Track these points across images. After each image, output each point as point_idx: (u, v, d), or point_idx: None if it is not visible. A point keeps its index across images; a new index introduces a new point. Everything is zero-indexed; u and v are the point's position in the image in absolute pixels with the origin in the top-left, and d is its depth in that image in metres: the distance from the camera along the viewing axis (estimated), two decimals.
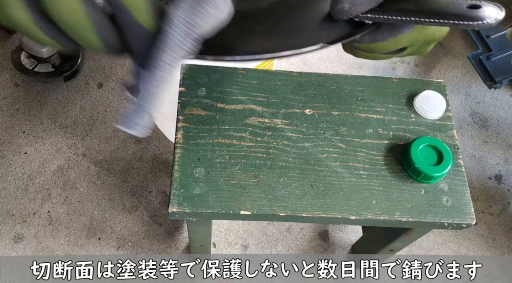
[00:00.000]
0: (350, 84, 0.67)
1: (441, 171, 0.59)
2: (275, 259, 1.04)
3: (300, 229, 1.08)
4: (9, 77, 1.23)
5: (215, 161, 0.60)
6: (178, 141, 0.60)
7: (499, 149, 1.24)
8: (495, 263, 1.08)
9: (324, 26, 0.39)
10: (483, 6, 0.33)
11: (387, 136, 0.64)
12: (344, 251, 1.06)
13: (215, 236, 1.05)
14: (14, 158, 1.12)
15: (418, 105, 0.66)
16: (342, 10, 0.37)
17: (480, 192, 1.17)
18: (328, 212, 0.58)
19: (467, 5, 0.33)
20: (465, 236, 1.11)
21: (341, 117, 0.65)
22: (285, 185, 0.59)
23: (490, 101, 1.32)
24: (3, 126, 1.16)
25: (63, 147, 1.14)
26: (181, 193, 0.57)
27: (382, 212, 0.58)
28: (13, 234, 1.03)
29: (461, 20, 0.33)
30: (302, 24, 0.40)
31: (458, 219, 0.59)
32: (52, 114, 1.19)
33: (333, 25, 0.39)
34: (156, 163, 1.14)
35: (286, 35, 0.39)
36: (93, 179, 1.10)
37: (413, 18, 0.35)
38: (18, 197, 1.07)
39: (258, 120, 0.63)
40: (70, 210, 1.06)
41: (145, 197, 1.09)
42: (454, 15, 0.33)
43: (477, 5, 0.33)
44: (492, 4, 0.33)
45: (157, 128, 1.17)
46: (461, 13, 0.33)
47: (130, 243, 1.04)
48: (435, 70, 1.36)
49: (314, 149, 0.62)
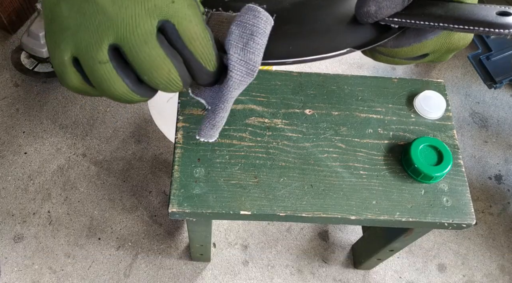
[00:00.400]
0: (350, 84, 0.68)
1: (441, 171, 0.59)
2: (275, 259, 1.04)
3: (300, 229, 1.08)
4: (9, 77, 1.23)
5: (215, 161, 0.60)
6: (178, 141, 0.60)
7: (499, 149, 1.24)
8: (495, 263, 1.08)
9: (349, 29, 0.38)
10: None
11: (387, 136, 0.64)
12: (344, 251, 1.06)
13: (215, 236, 1.05)
14: (14, 158, 1.12)
15: (418, 105, 0.66)
16: (368, 13, 0.36)
17: (480, 192, 1.17)
18: (328, 212, 0.58)
19: (497, 11, 0.33)
20: (465, 236, 1.11)
21: (341, 117, 0.65)
22: (285, 185, 0.59)
23: (490, 101, 1.32)
24: (3, 126, 1.16)
25: (63, 147, 1.14)
26: (181, 193, 0.57)
27: (382, 212, 0.58)
28: (13, 234, 1.03)
29: (490, 27, 0.32)
30: (326, 26, 0.38)
31: (458, 219, 0.59)
32: (52, 114, 1.19)
33: (358, 28, 0.38)
34: (156, 163, 1.14)
35: (311, 38, 0.38)
36: (93, 179, 1.10)
37: (441, 23, 0.34)
38: (18, 197, 1.07)
39: (258, 120, 0.63)
40: (70, 210, 1.06)
41: (145, 197, 1.09)
42: (483, 22, 0.32)
43: (507, 12, 0.32)
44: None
45: (157, 128, 1.17)
46: (491, 20, 0.32)
47: (130, 243, 1.04)
48: (435, 70, 1.36)
49: (314, 149, 0.62)
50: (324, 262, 1.05)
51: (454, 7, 0.35)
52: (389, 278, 1.04)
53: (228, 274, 1.02)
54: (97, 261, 1.01)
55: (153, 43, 0.28)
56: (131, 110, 1.21)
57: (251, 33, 0.32)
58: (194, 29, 0.29)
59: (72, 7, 0.28)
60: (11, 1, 1.23)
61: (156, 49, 0.28)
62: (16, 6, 1.26)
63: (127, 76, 0.30)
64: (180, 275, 1.01)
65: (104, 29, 0.27)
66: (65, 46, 0.28)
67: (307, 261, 1.04)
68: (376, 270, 1.04)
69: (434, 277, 1.05)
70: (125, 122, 1.19)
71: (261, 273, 1.02)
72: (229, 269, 1.02)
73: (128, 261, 1.02)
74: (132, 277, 1.00)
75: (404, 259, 1.06)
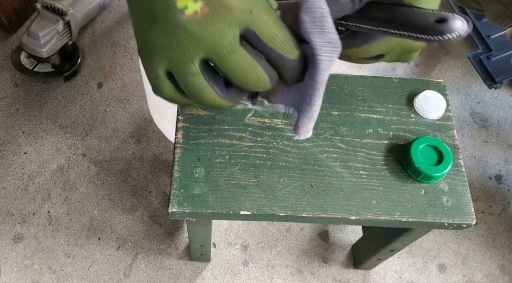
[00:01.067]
0: (350, 84, 0.67)
1: (441, 171, 0.59)
2: (275, 259, 1.04)
3: (300, 229, 1.08)
4: (9, 77, 1.23)
5: (215, 161, 0.59)
6: (178, 141, 0.60)
7: (499, 149, 1.24)
8: (495, 263, 1.08)
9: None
10: (450, 19, 0.32)
11: (387, 136, 0.64)
12: (344, 251, 1.06)
13: (215, 236, 1.05)
14: (14, 158, 1.12)
15: (418, 105, 0.66)
16: None
17: (480, 192, 1.17)
18: (328, 212, 0.57)
19: (435, 18, 0.33)
20: (465, 236, 1.11)
21: (341, 117, 0.64)
22: (285, 185, 0.59)
23: (490, 101, 1.32)
24: (3, 126, 1.16)
25: (63, 147, 1.14)
26: (181, 193, 0.57)
27: (382, 212, 0.58)
28: (13, 234, 1.03)
29: (429, 34, 0.33)
30: None
31: (458, 219, 0.59)
32: (52, 114, 1.19)
33: None
34: (156, 163, 1.14)
35: None
36: (93, 179, 1.10)
37: (381, 28, 0.35)
38: (18, 197, 1.07)
39: (258, 120, 0.63)
40: (70, 210, 1.06)
41: (145, 197, 1.09)
42: (422, 29, 0.33)
43: (443, 18, 0.33)
44: (458, 17, 0.33)
45: (157, 128, 1.17)
46: (429, 27, 0.33)
47: (130, 243, 1.04)
48: (435, 70, 1.36)
49: (314, 149, 0.62)
50: (324, 262, 1.04)
51: (398, 12, 0.36)
52: (389, 278, 1.04)
53: (228, 274, 1.02)
54: (97, 261, 1.01)
55: (238, 51, 0.32)
56: (131, 110, 1.21)
57: (321, 15, 0.34)
58: (271, 31, 0.32)
59: (163, 32, 0.31)
60: (11, 1, 1.23)
61: (242, 54, 0.32)
62: (16, 6, 1.26)
63: (216, 84, 0.33)
64: (180, 275, 1.01)
65: (195, 47, 0.31)
66: (159, 62, 0.32)
67: (307, 261, 1.04)
68: (376, 270, 1.04)
69: (434, 277, 1.05)
70: (125, 122, 1.19)
71: (261, 273, 1.02)
72: (229, 269, 1.02)
73: (128, 261, 1.02)
74: (132, 277, 1.00)
75: (404, 259, 1.06)
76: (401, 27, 0.34)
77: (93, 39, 1.32)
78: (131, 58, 1.30)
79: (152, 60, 0.33)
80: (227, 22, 0.30)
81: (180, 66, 0.32)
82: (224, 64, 0.32)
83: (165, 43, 0.31)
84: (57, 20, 1.13)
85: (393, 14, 0.35)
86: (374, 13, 0.36)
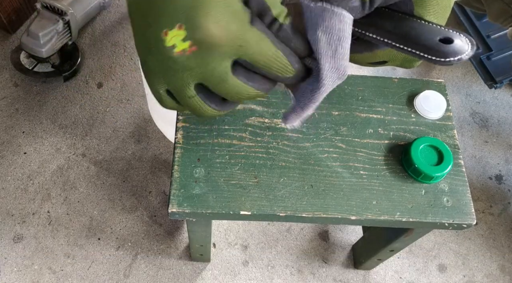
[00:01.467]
0: (350, 84, 0.67)
1: (441, 171, 0.59)
2: (275, 259, 1.04)
3: (300, 229, 1.08)
4: (8, 77, 1.23)
5: (215, 161, 0.59)
6: (178, 141, 0.60)
7: (500, 149, 1.24)
8: (496, 263, 1.08)
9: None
10: (455, 39, 0.32)
11: (387, 136, 0.64)
12: (345, 251, 1.06)
13: (215, 236, 1.05)
14: (13, 158, 1.12)
15: (419, 105, 0.66)
16: None
17: (481, 192, 1.17)
18: (328, 212, 0.57)
19: (440, 37, 0.32)
20: (465, 236, 1.10)
21: (341, 117, 0.64)
22: (285, 185, 0.59)
23: (490, 101, 1.32)
24: (3, 126, 1.16)
25: (62, 147, 1.14)
26: (181, 193, 0.57)
27: (382, 212, 0.58)
28: (13, 234, 1.03)
29: (431, 54, 0.32)
30: None
31: (458, 219, 0.59)
32: (52, 114, 1.19)
33: None
34: (156, 163, 1.14)
35: None
36: (92, 179, 1.10)
37: (386, 40, 0.35)
38: (18, 197, 1.07)
39: (258, 120, 0.63)
40: (70, 210, 1.06)
41: (145, 197, 1.09)
42: (424, 47, 0.32)
43: (449, 38, 0.32)
44: (464, 38, 0.32)
45: (157, 128, 1.17)
46: (432, 46, 0.32)
47: (130, 243, 1.04)
48: (435, 70, 1.36)
49: (314, 149, 0.61)
50: (324, 262, 1.04)
51: (406, 25, 0.35)
52: (390, 279, 1.04)
53: (228, 274, 1.02)
54: (97, 261, 1.01)
55: (230, 79, 0.33)
56: (131, 110, 1.21)
57: (338, 39, 0.33)
58: (264, 57, 0.32)
59: (158, 61, 0.32)
60: (11, 1, 1.23)
61: (233, 81, 0.33)
62: (16, 6, 1.26)
63: (212, 101, 0.35)
64: (180, 276, 1.01)
65: (188, 76, 0.32)
66: (159, 82, 0.34)
67: (307, 261, 1.04)
68: (376, 271, 1.04)
69: (434, 278, 1.05)
70: (125, 122, 1.19)
71: (261, 273, 1.02)
72: (229, 269, 1.02)
73: (128, 261, 1.02)
74: (131, 278, 1.00)
75: (404, 259, 1.06)
76: (405, 42, 0.34)
77: (93, 39, 1.32)
78: (131, 58, 1.30)
79: (152, 80, 0.34)
80: (217, 57, 0.31)
81: (176, 90, 0.34)
82: (217, 90, 0.34)
83: (160, 70, 0.33)
84: (56, 20, 1.13)
85: (400, 27, 0.35)
86: (382, 22, 0.36)
